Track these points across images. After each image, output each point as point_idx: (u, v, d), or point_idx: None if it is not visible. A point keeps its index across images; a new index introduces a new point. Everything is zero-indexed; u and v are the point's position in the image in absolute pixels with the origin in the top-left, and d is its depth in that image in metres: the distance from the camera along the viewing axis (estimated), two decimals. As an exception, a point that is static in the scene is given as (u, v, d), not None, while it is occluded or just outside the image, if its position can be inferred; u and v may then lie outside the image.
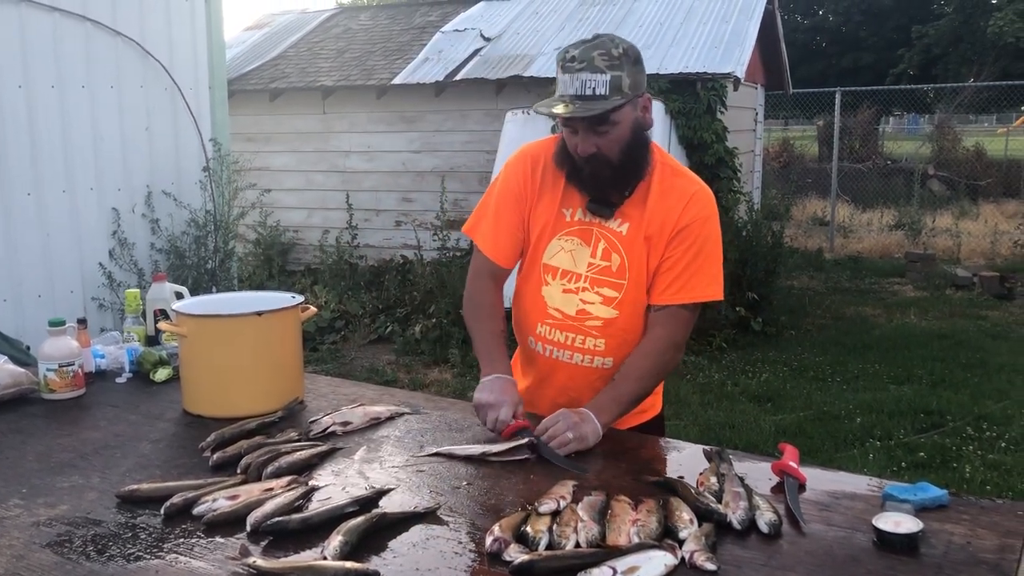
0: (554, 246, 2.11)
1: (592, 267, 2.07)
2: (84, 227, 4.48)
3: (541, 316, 2.14)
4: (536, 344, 2.17)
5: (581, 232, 2.09)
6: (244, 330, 2.20)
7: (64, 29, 4.33)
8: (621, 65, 1.91)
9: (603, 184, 2.02)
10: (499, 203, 2.16)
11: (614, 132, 1.95)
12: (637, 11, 9.54)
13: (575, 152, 1.99)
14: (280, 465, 1.80)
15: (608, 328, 2.08)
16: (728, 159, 7.93)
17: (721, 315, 7.24)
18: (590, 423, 1.92)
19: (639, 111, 2.00)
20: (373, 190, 9.35)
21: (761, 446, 4.85)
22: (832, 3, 25.25)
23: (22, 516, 1.65)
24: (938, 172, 16.40)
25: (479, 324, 2.17)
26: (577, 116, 1.91)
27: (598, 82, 1.89)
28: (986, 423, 5.27)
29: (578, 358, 2.12)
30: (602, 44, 1.92)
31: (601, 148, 1.96)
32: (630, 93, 1.93)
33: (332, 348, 7.33)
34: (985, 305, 8.65)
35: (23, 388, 2.37)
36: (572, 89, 1.91)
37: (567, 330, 2.11)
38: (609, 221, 2.06)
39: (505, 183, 2.16)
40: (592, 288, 2.08)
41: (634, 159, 2.01)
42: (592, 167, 1.99)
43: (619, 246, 2.06)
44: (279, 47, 10.69)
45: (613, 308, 2.07)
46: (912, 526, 1.47)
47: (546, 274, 2.12)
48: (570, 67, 1.91)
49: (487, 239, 2.17)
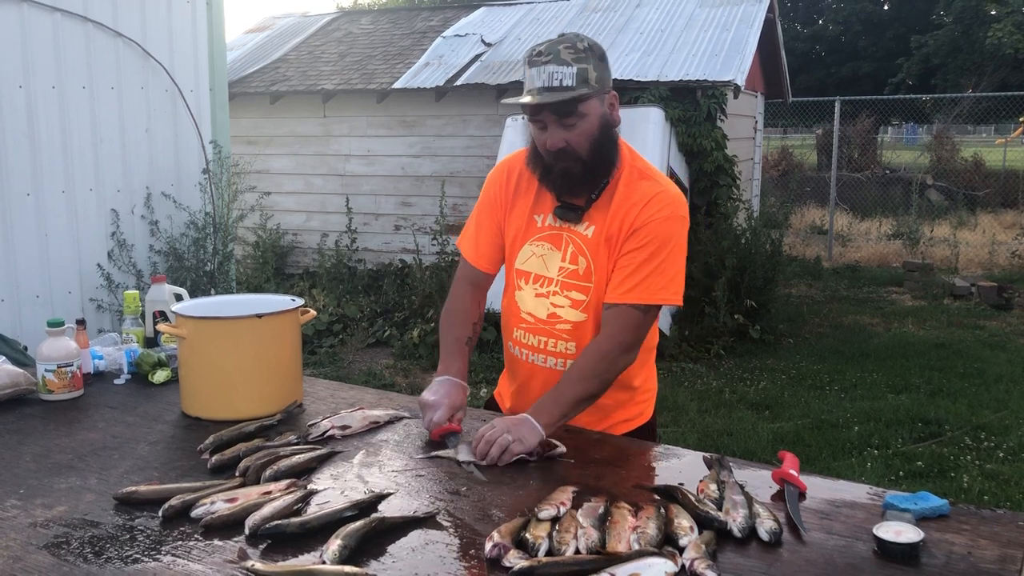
0: (526, 251, 2.15)
1: (562, 271, 2.10)
2: (83, 228, 4.47)
3: (516, 321, 2.19)
4: (514, 348, 2.22)
5: (551, 237, 2.12)
6: (244, 332, 2.19)
7: (65, 30, 4.32)
8: (587, 58, 1.95)
9: (573, 181, 2.03)
10: (479, 211, 2.24)
11: (582, 125, 1.96)
12: (638, 18, 9.56)
13: (544, 148, 2.01)
14: (279, 468, 1.80)
15: (578, 331, 2.10)
16: (727, 167, 7.94)
17: (719, 323, 7.25)
18: (527, 424, 1.92)
19: (606, 107, 2.01)
20: (372, 194, 9.35)
21: (759, 454, 4.85)
22: (832, 12, 25.29)
23: (19, 517, 1.64)
24: (936, 182, 16.43)
25: (447, 329, 2.24)
26: (545, 103, 1.93)
27: (565, 74, 1.92)
28: (984, 433, 5.27)
29: (551, 361, 2.14)
30: (568, 39, 1.97)
31: (570, 142, 1.97)
32: (597, 87, 1.96)
33: (330, 351, 7.32)
34: (983, 315, 8.66)
35: (21, 389, 2.36)
36: (540, 82, 1.94)
37: (539, 334, 2.14)
38: (577, 225, 2.09)
39: (484, 193, 2.24)
40: (562, 292, 2.10)
41: (603, 154, 2.02)
42: (562, 163, 2.00)
43: (585, 249, 2.08)
44: (280, 50, 10.70)
45: (581, 311, 2.09)
46: (913, 536, 1.47)
47: (519, 279, 2.16)
48: (536, 61, 1.95)
49: (468, 245, 2.25)
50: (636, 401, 2.26)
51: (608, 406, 2.17)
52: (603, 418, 2.19)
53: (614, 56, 8.61)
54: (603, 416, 2.18)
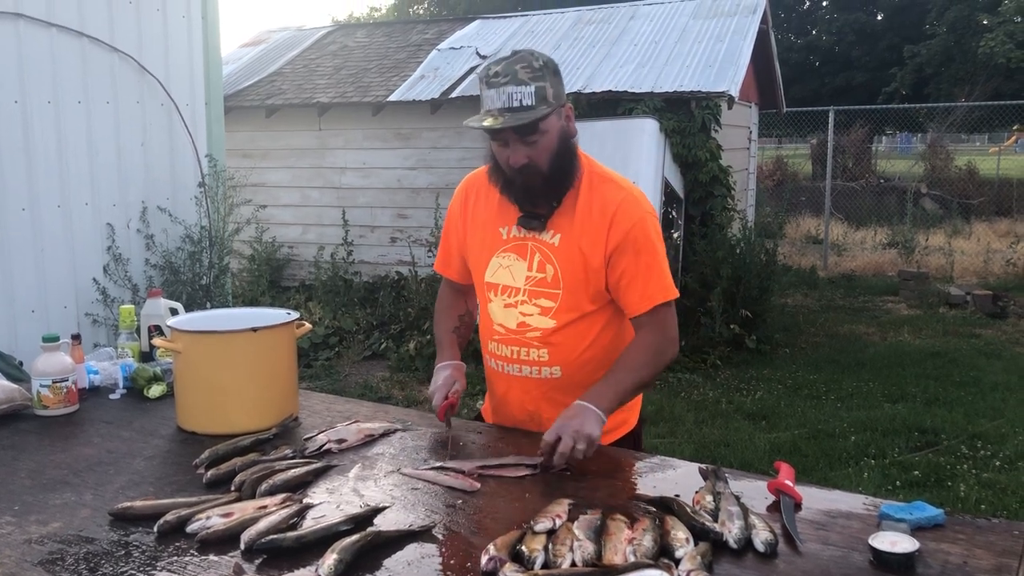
0: (494, 264, 2.20)
1: (529, 280, 2.14)
2: (78, 242, 4.47)
3: (490, 333, 2.24)
4: (491, 361, 2.26)
5: (517, 247, 2.16)
6: (239, 346, 2.19)
7: (61, 45, 4.33)
8: (544, 76, 1.99)
9: (535, 193, 2.09)
10: (444, 235, 2.40)
11: (543, 141, 2.02)
12: (632, 30, 9.60)
13: (507, 165, 2.05)
14: (274, 482, 1.80)
15: (549, 338, 2.13)
16: (722, 177, 7.96)
17: (715, 333, 7.26)
18: (589, 416, 1.95)
19: (563, 120, 2.07)
20: (368, 206, 9.35)
21: (756, 464, 4.84)
22: (825, 23, 25.41)
23: (14, 533, 1.64)
24: (931, 191, 16.48)
25: (437, 328, 2.43)
26: (509, 127, 1.97)
27: (524, 93, 1.96)
28: (980, 442, 5.28)
29: (526, 370, 2.18)
30: (523, 58, 2.00)
31: (532, 158, 2.02)
32: (554, 103, 2.01)
33: (326, 364, 7.31)
34: (978, 323, 8.68)
35: (16, 404, 2.36)
36: (499, 103, 1.97)
37: (511, 344, 2.18)
38: (542, 233, 2.13)
39: (448, 212, 2.38)
40: (530, 300, 2.14)
41: (564, 166, 2.08)
42: (524, 177, 2.05)
43: (552, 257, 2.11)
44: (275, 64, 10.72)
45: (550, 318, 2.13)
46: (908, 546, 1.47)
47: (489, 292, 2.21)
48: (495, 82, 1.98)
49: (440, 260, 2.42)
50: (619, 410, 2.24)
51: None
52: None
53: (608, 68, 8.65)
54: None
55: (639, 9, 10.24)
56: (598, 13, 10.43)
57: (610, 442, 2.21)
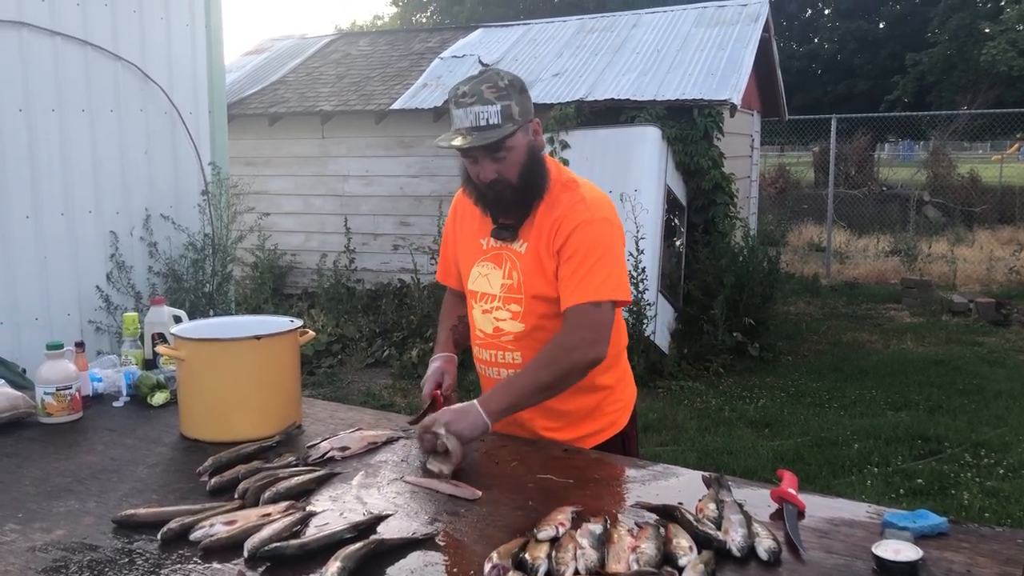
0: (474, 272, 2.30)
1: (503, 287, 2.23)
2: (82, 250, 4.48)
3: (474, 339, 2.35)
4: (477, 365, 2.37)
5: (494, 257, 2.26)
6: (243, 354, 2.20)
7: (65, 53, 4.35)
8: (509, 95, 2.07)
9: (507, 205, 2.18)
10: (443, 240, 2.51)
11: (511, 156, 2.10)
12: (634, 38, 9.62)
13: (478, 179, 2.14)
14: (278, 490, 1.80)
15: (520, 341, 2.22)
16: (724, 185, 7.97)
17: (718, 340, 7.26)
18: (470, 415, 2.02)
19: (531, 135, 2.15)
20: (371, 214, 9.37)
21: (759, 472, 4.83)
22: (827, 31, 25.46)
23: (18, 541, 1.64)
24: (933, 199, 16.47)
25: (439, 326, 2.53)
26: (476, 146, 2.06)
27: (490, 112, 2.04)
28: (984, 450, 5.27)
29: (504, 373, 2.26)
30: (489, 78, 2.08)
31: (501, 172, 2.11)
32: (520, 120, 2.09)
33: (329, 372, 7.31)
34: (981, 331, 8.67)
35: (20, 412, 2.36)
36: (467, 122, 2.06)
37: (489, 348, 2.29)
38: (513, 243, 2.22)
39: (444, 224, 2.52)
40: (504, 306, 2.23)
41: (532, 179, 2.15)
42: (495, 191, 2.14)
43: (518, 264, 2.21)
44: (279, 72, 10.75)
45: (519, 322, 2.22)
46: (912, 554, 1.47)
47: (471, 299, 2.32)
48: (462, 102, 2.06)
49: (440, 270, 2.54)
50: (604, 412, 2.30)
51: (571, 413, 2.22)
52: (567, 426, 2.23)
53: (611, 76, 8.67)
54: (567, 424, 2.23)
55: (641, 17, 10.26)
56: (600, 21, 10.46)
57: (598, 443, 2.26)
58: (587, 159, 7.60)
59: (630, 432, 2.37)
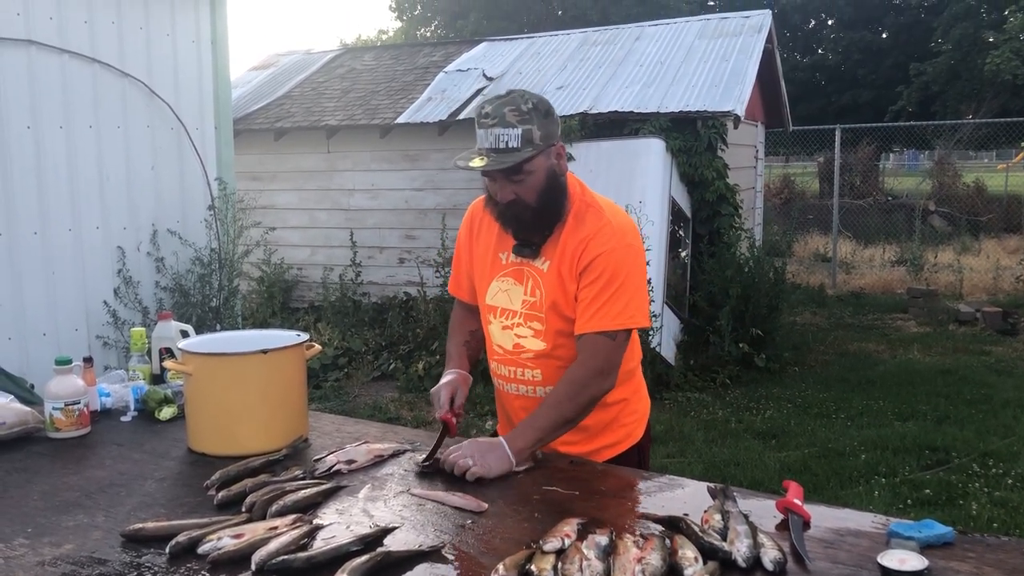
0: (494, 287, 2.29)
1: (525, 303, 2.23)
2: (89, 265, 4.51)
3: (491, 353, 2.34)
4: (495, 380, 2.37)
5: (515, 272, 2.25)
6: (250, 368, 2.21)
7: (72, 70, 4.39)
8: (531, 119, 2.06)
9: (525, 225, 2.18)
10: (456, 256, 2.48)
11: (529, 180, 2.10)
12: (637, 51, 9.65)
13: (497, 198, 2.15)
14: (285, 503, 1.80)
15: (541, 359, 2.22)
16: (729, 196, 7.98)
17: (724, 352, 7.25)
18: (497, 451, 2.03)
19: (553, 159, 2.14)
20: (376, 228, 9.39)
21: (766, 483, 4.82)
22: (831, 42, 25.49)
23: (27, 556, 1.65)
24: (939, 208, 16.46)
25: (449, 341, 2.49)
26: (490, 169, 2.06)
27: (510, 136, 2.04)
28: (992, 460, 5.24)
29: (523, 389, 2.27)
30: (512, 100, 2.08)
31: (519, 194, 2.11)
32: (542, 144, 2.08)
33: (335, 385, 7.32)
34: (988, 341, 8.64)
35: (29, 427, 2.37)
36: (487, 143, 2.06)
37: (508, 364, 2.28)
38: (535, 260, 2.21)
39: (458, 235, 2.47)
40: (525, 323, 2.23)
41: (552, 202, 2.15)
42: (513, 211, 2.14)
43: (540, 282, 2.20)
44: (284, 87, 10.81)
45: (541, 340, 2.21)
46: (917, 564, 1.47)
47: (489, 314, 2.31)
48: (484, 123, 2.07)
49: (452, 281, 2.51)
50: (621, 423, 2.31)
51: (589, 427, 2.22)
52: (585, 440, 2.23)
53: (614, 88, 8.70)
54: (585, 438, 2.23)
55: (645, 30, 10.30)
56: (604, 34, 10.49)
57: (613, 455, 2.27)
58: (591, 171, 7.61)
59: (645, 444, 2.39)
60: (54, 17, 4.29)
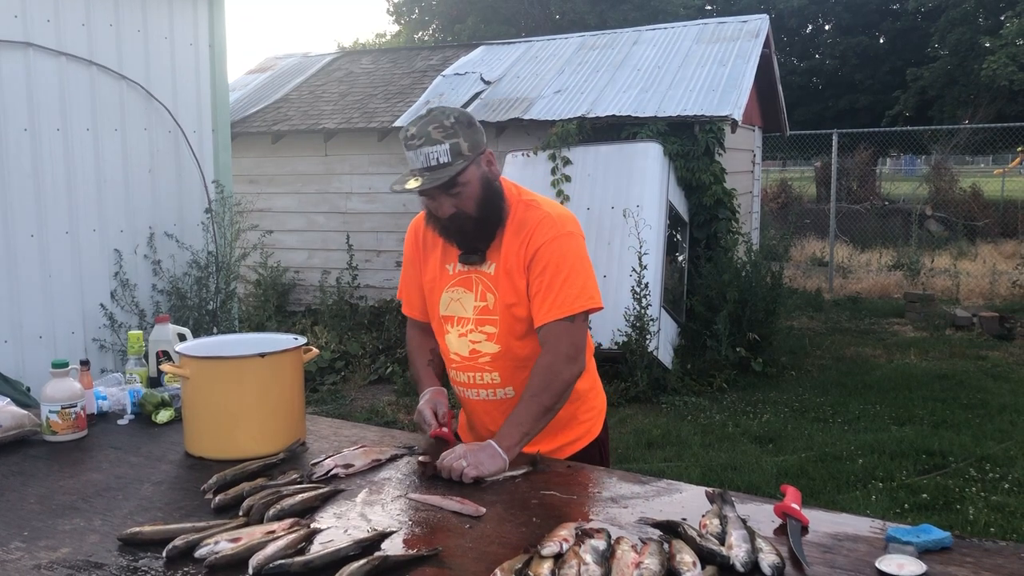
0: (445, 298, 2.33)
1: (476, 309, 2.27)
2: (86, 268, 4.50)
3: (449, 362, 2.38)
4: (455, 388, 2.40)
5: (463, 281, 2.30)
6: (247, 372, 2.20)
7: (70, 73, 4.38)
8: (456, 132, 2.11)
9: (469, 235, 2.22)
10: (404, 270, 2.50)
11: (466, 191, 2.14)
12: (635, 55, 9.67)
13: (438, 214, 2.18)
14: (282, 507, 1.80)
15: (497, 361, 2.26)
16: (726, 200, 7.99)
17: (721, 356, 7.25)
18: (487, 449, 2.05)
19: (484, 166, 2.18)
20: (374, 231, 9.39)
21: (763, 487, 4.82)
22: (828, 47, 25.55)
23: (23, 559, 1.64)
24: (935, 213, 16.49)
25: (412, 365, 2.54)
26: (428, 188, 2.09)
27: (439, 152, 2.09)
28: (989, 464, 5.25)
29: (483, 393, 2.32)
30: (435, 118, 2.12)
31: (458, 206, 2.15)
32: (471, 154, 2.13)
33: (332, 389, 7.31)
34: (985, 345, 8.65)
35: (25, 430, 2.37)
36: (419, 163, 2.11)
37: (467, 370, 2.32)
38: (482, 265, 2.26)
39: (404, 253, 2.50)
40: (477, 328, 2.27)
41: (491, 209, 2.20)
42: (456, 224, 2.18)
43: (491, 285, 2.24)
44: (282, 90, 10.81)
45: (495, 343, 2.25)
46: (915, 569, 1.47)
47: (445, 324, 2.34)
48: (412, 144, 2.11)
49: (405, 301, 2.53)
50: (580, 420, 2.35)
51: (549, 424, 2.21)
52: (545, 438, 2.23)
53: (612, 92, 8.71)
54: (545, 435, 2.22)
55: (642, 34, 10.32)
56: (601, 38, 10.51)
57: (575, 451, 2.32)
58: (589, 175, 7.63)
59: (604, 439, 2.44)
60: (52, 20, 4.29)
